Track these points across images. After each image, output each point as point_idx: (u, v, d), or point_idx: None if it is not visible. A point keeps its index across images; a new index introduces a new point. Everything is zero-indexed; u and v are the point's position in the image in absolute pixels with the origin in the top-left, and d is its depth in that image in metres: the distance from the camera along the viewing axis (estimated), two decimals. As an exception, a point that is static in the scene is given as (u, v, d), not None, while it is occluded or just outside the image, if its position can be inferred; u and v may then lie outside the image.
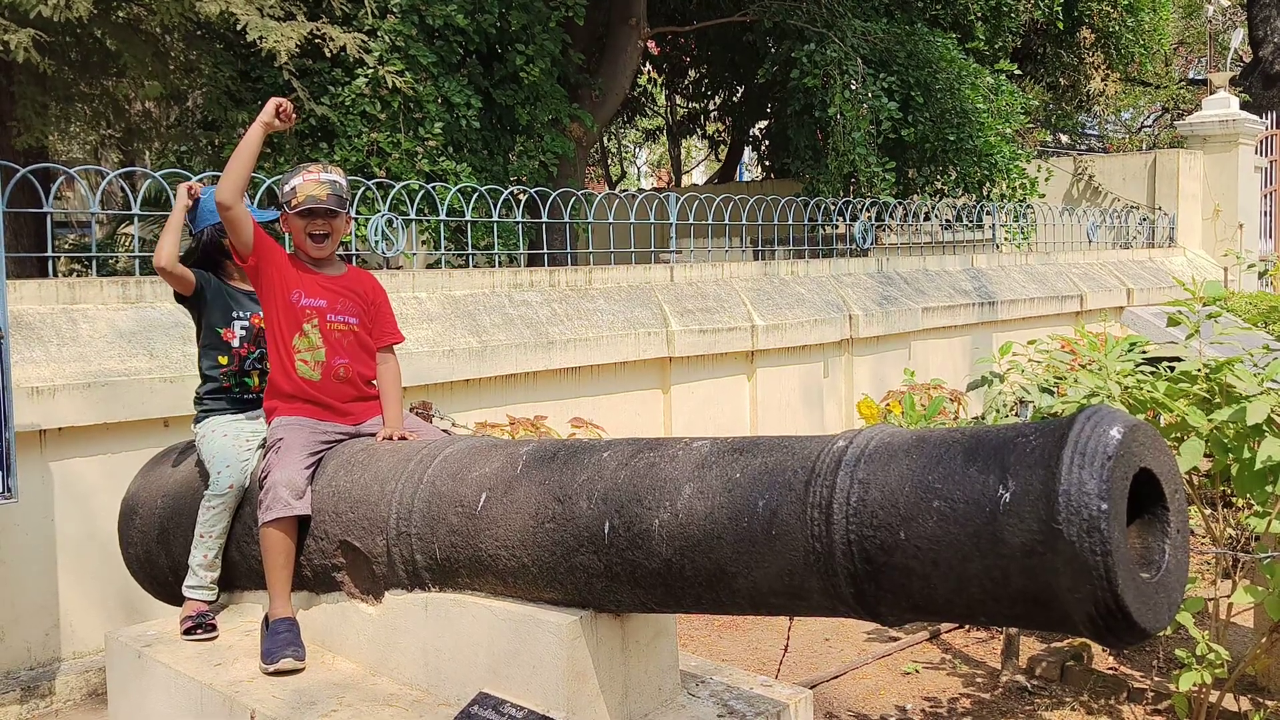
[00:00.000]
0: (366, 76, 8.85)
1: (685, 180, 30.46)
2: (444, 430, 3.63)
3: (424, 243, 8.99)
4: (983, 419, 4.91)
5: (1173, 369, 3.48)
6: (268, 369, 3.52)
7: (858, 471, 2.07)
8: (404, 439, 3.29)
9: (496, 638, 2.73)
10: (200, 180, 4.38)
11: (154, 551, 3.76)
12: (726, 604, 2.34)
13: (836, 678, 4.81)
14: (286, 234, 3.54)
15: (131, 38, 9.31)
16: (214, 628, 3.38)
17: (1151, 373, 3.50)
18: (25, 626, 4.45)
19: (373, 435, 3.38)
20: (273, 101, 3.38)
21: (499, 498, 2.70)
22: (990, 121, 12.33)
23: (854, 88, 10.72)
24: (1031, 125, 16.52)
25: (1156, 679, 4.51)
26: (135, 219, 5.62)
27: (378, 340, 3.58)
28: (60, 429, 4.50)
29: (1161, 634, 3.71)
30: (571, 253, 8.32)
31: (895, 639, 5.30)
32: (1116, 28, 16.01)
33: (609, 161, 27.74)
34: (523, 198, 8.29)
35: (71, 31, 8.83)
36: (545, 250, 7.65)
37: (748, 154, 21.61)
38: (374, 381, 3.55)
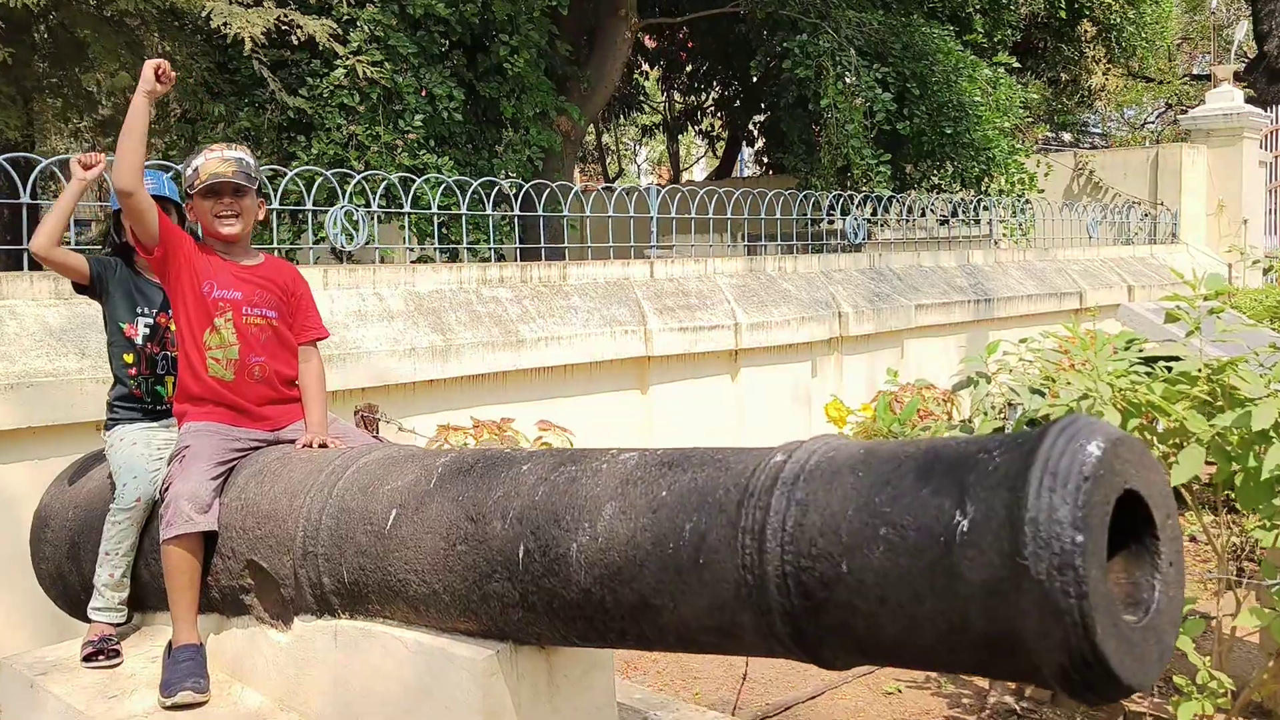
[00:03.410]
0: (345, 68, 8.55)
1: (686, 177, 30.16)
2: (376, 438, 3.33)
3: (395, 238, 8.70)
4: (969, 423, 4.61)
5: (1170, 369, 3.18)
6: None
7: (796, 491, 1.77)
8: (325, 446, 3.00)
9: (407, 672, 2.43)
10: (101, 151, 4.00)
11: (65, 568, 3.47)
12: (653, 640, 2.04)
13: (813, 698, 4.51)
14: (196, 224, 3.24)
15: (102, 28, 9.03)
16: (117, 653, 3.08)
17: (1147, 373, 3.20)
18: (-56, 645, 4.16)
19: (293, 442, 3.09)
20: (149, 64, 3.04)
21: (409, 515, 2.40)
22: (988, 115, 12.02)
23: (848, 80, 10.41)
24: (1031, 120, 16.19)
25: (1156, 700, 4.20)
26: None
27: (299, 335, 3.28)
28: (-20, 433, 4.20)
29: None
30: (553, 248, 8.04)
31: (879, 655, 4.99)
32: (1118, 20, 15.67)
33: (607, 158, 27.45)
34: (504, 192, 8.00)
35: (37, 20, 8.56)
36: (518, 246, 7.36)
37: (747, 150, 21.31)
38: (296, 382, 3.25)
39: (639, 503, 1.99)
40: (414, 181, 6.75)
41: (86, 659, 3.05)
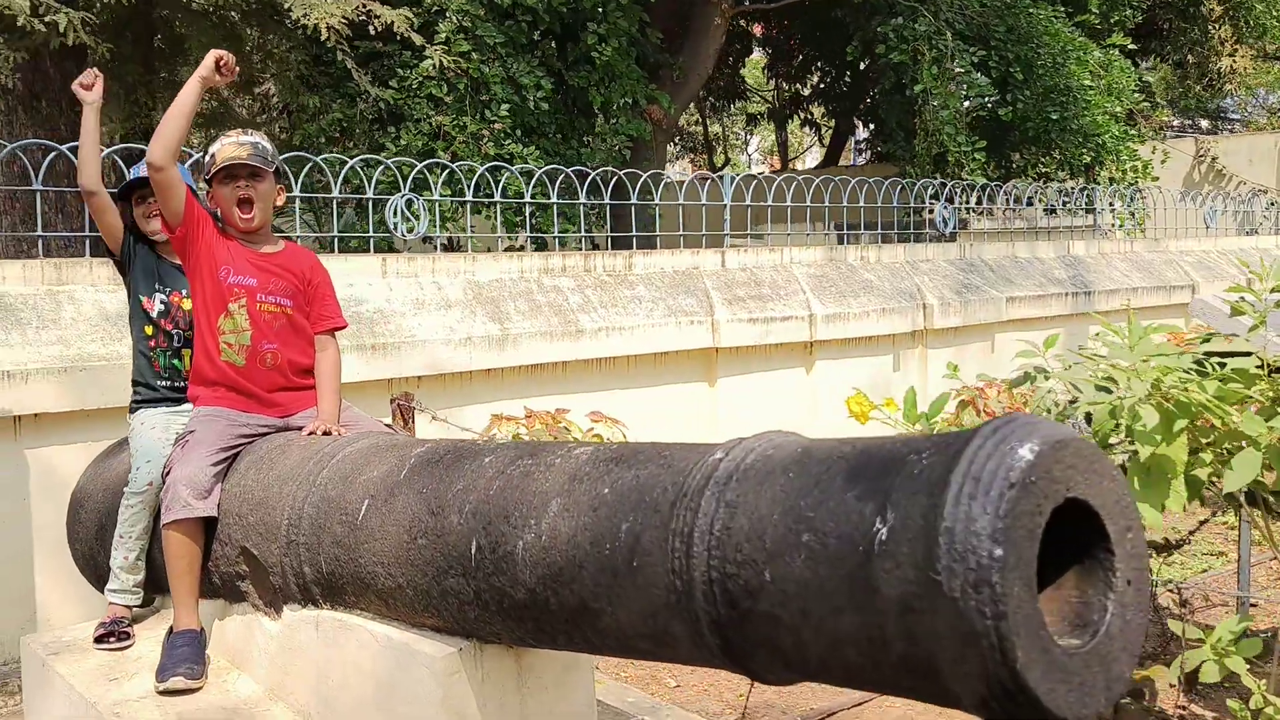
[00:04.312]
0: (432, 59, 8.59)
1: (798, 166, 29.75)
2: (387, 426, 3.29)
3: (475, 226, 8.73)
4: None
5: (1223, 365, 2.92)
6: None
7: (727, 492, 1.64)
8: (329, 434, 2.96)
9: (379, 666, 2.37)
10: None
11: (94, 548, 3.52)
12: (597, 644, 1.93)
13: (859, 705, 4.32)
14: (217, 210, 3.24)
15: (200, 22, 9.27)
16: (128, 635, 3.10)
17: (1199, 371, 2.94)
18: (0, 618, 4.29)
19: (301, 429, 3.06)
20: (212, 54, 3.08)
21: (379, 507, 2.34)
22: (1098, 99, 11.51)
23: (944, 64, 10.05)
24: (1151, 105, 15.43)
25: (1226, 722, 3.91)
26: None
27: (316, 324, 3.26)
28: (36, 415, 4.32)
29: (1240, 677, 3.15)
30: (642, 236, 7.92)
31: (937, 662, 4.77)
32: (1247, -2, 14.84)
33: (716, 148, 27.25)
34: (592, 180, 7.92)
35: (132, 15, 8.82)
36: (609, 234, 7.30)
37: (857, 137, 20.91)
38: (310, 371, 3.22)
39: (582, 500, 1.89)
40: (500, 171, 6.72)
41: (98, 640, 3.09)
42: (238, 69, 3.17)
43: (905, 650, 1.39)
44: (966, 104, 10.29)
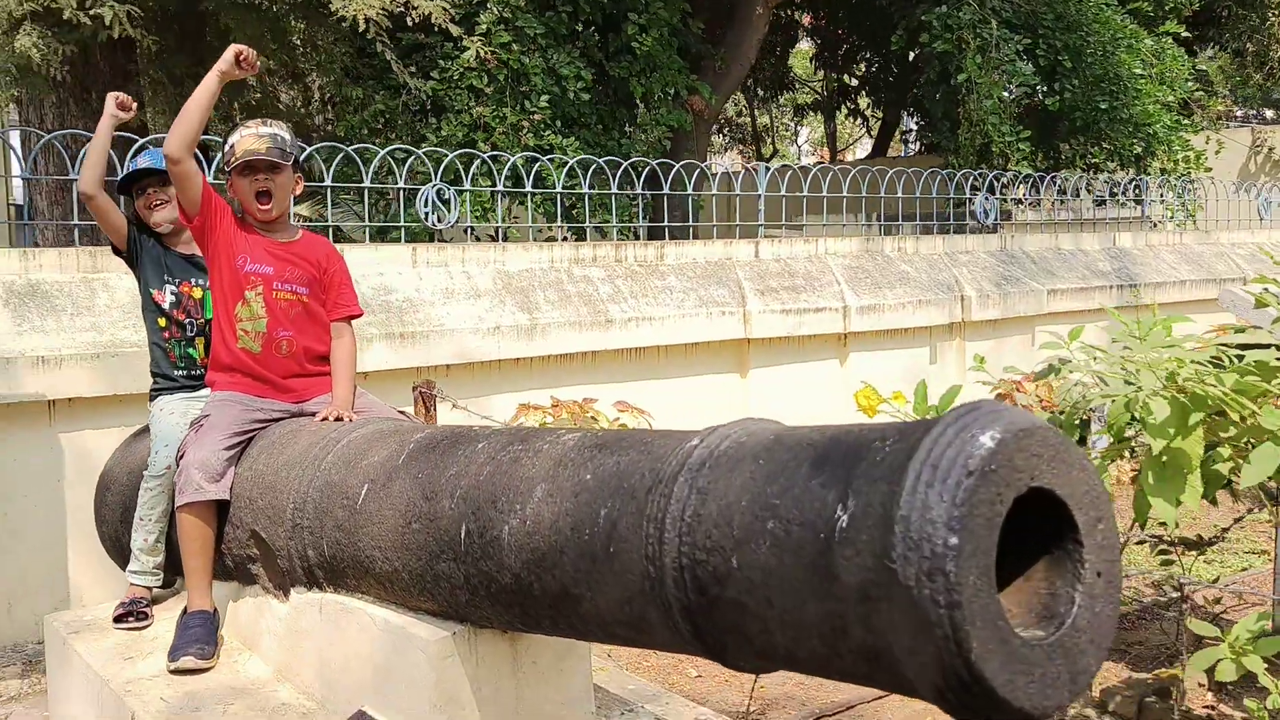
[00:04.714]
0: (472, 50, 8.63)
1: (849, 157, 29.51)
2: (402, 413, 3.31)
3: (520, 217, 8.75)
4: (1061, 415, 4.28)
5: (1240, 358, 2.86)
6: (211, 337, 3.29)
7: (699, 479, 1.63)
8: (340, 420, 2.99)
9: (377, 649, 2.40)
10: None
11: (119, 530, 3.59)
12: (580, 630, 1.94)
13: (880, 699, 4.29)
14: (235, 200, 3.28)
15: (245, 15, 9.38)
16: (145, 615, 3.16)
17: (1214, 363, 2.88)
18: (34, 599, 4.39)
19: (314, 415, 3.09)
20: (232, 48, 3.13)
21: (377, 491, 2.37)
22: (1149, 89, 11.27)
23: (989, 53, 9.91)
24: (1206, 94, 15.09)
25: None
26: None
27: (332, 312, 3.29)
28: (70, 400, 4.41)
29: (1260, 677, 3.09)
30: (679, 226, 7.90)
31: (962, 657, 4.72)
32: (1309, -16, 14.45)
33: (766, 138, 27.12)
34: (631, 170, 7.91)
35: (179, 8, 8.96)
36: (646, 224, 7.29)
37: (905, 128, 20.68)
38: (325, 358, 3.26)
39: (565, 486, 1.89)
40: (533, 162, 6.73)
41: (117, 620, 3.15)
42: (258, 64, 3.21)
43: (864, 639, 1.38)
44: (1011, 93, 10.11)
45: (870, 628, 1.36)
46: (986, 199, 8.50)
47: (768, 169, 7.27)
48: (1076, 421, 3.26)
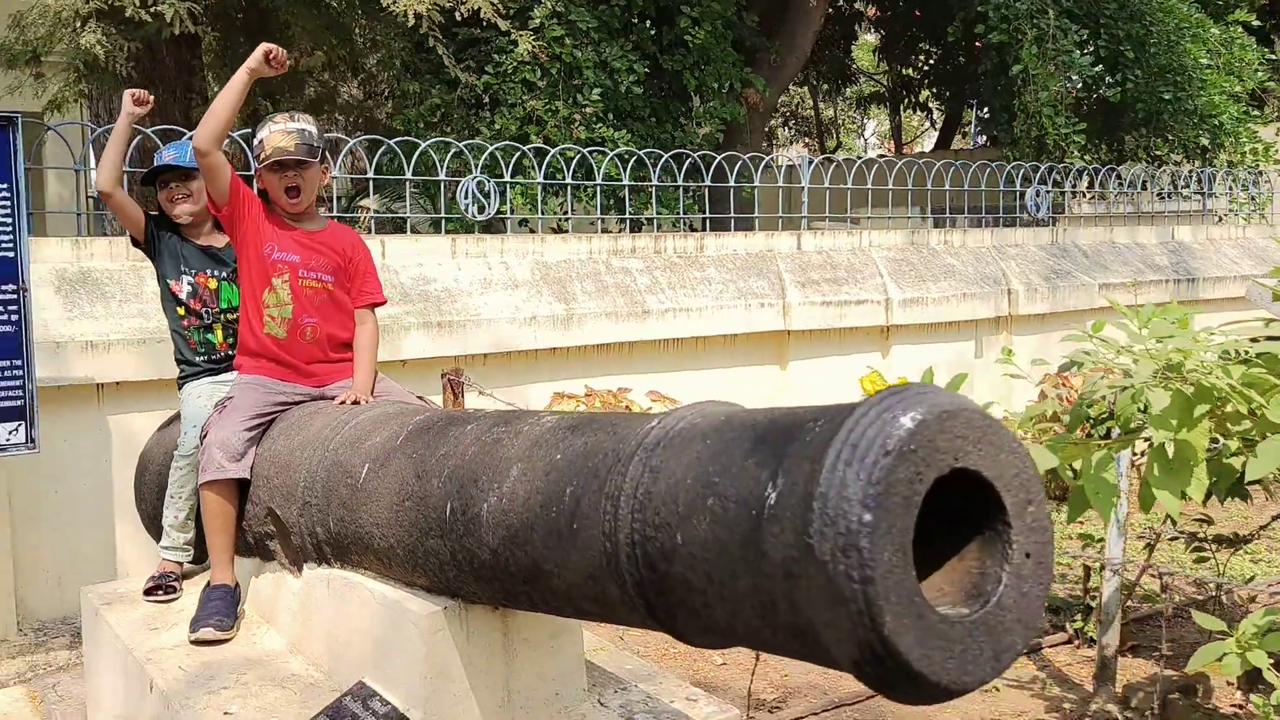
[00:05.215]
0: (523, 45, 8.73)
1: (917, 149, 29.20)
2: (420, 398, 3.40)
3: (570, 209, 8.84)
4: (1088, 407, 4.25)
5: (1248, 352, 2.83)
6: (229, 323, 3.42)
7: (652, 458, 1.69)
8: (357, 404, 3.09)
9: (375, 622, 2.49)
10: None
11: (156, 508, 3.73)
12: (553, 605, 2.00)
13: (901, 689, 4.29)
14: (263, 189, 3.40)
15: (302, 10, 9.58)
16: (175, 589, 3.30)
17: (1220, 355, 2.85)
18: (83, 573, 4.57)
19: (334, 398, 3.20)
20: (262, 47, 3.24)
21: (376, 470, 2.45)
22: (1215, 79, 11.03)
23: (1044, 45, 9.76)
24: (1276, 83, 14.68)
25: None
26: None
27: (356, 300, 3.39)
28: (118, 383, 4.58)
29: None
30: (739, 218, 7.91)
31: (990, 651, 4.71)
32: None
33: (832, 131, 26.96)
34: (683, 163, 7.97)
35: (241, 5, 9.18)
36: (705, 215, 7.34)
37: (967, 120, 20.42)
38: (349, 345, 3.36)
39: (539, 465, 1.95)
40: (592, 155, 6.81)
41: (147, 593, 3.29)
42: (288, 62, 3.30)
43: (790, 614, 1.42)
44: (1068, 84, 9.96)
45: (794, 603, 1.40)
46: (1038, 192, 8.39)
47: (811, 161, 7.27)
48: (1084, 412, 3.25)
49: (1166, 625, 4.93)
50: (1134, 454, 3.99)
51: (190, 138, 3.27)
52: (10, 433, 3.87)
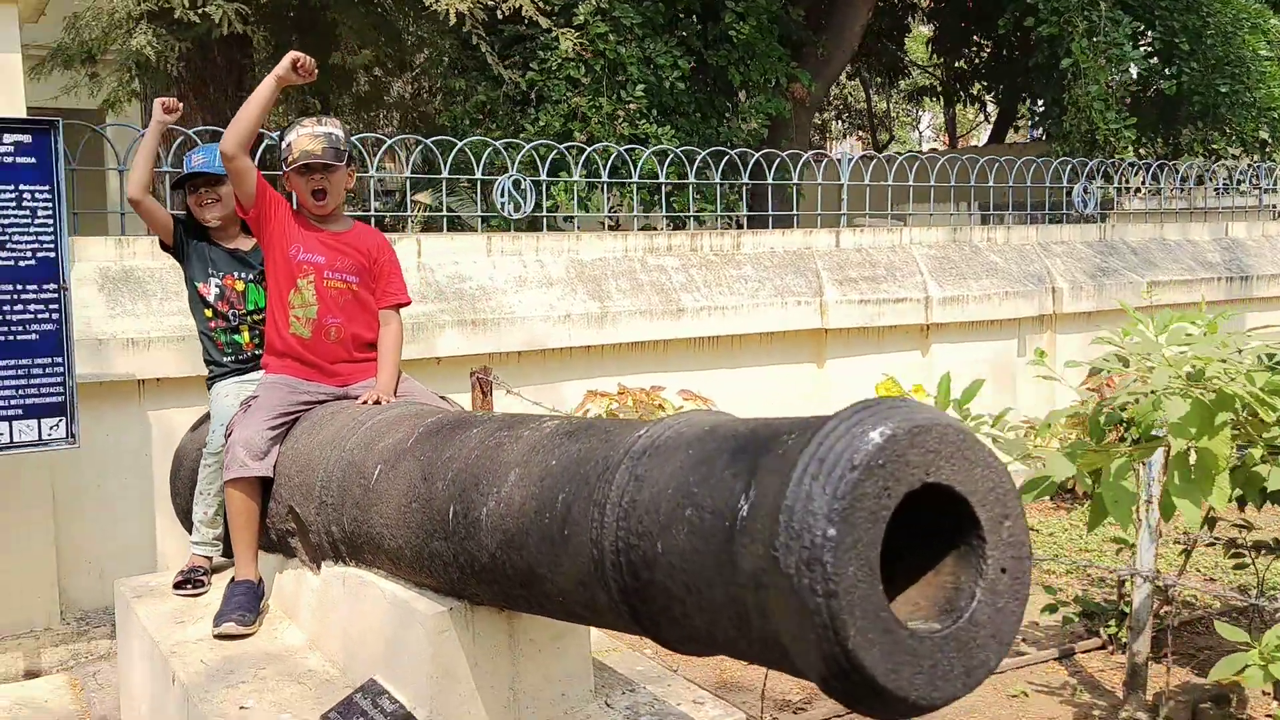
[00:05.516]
0: (568, 41, 8.75)
1: (966, 144, 28.81)
2: (442, 399, 3.44)
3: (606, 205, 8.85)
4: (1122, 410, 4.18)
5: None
6: (255, 324, 3.48)
7: (638, 466, 1.70)
8: (378, 403, 3.13)
9: (386, 621, 2.53)
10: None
11: (190, 503, 3.82)
12: (549, 609, 2.02)
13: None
14: (291, 192, 3.46)
15: (351, 9, 9.70)
16: (202, 584, 3.37)
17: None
18: (125, 565, 4.68)
19: (357, 398, 3.25)
20: (290, 55, 3.28)
21: (387, 472, 2.49)
22: (1275, 70, 10.77)
23: (1095, 38, 9.60)
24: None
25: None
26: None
27: (380, 300, 3.43)
28: (158, 379, 4.69)
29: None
30: (779, 215, 7.90)
31: (1021, 653, 4.67)
32: None
33: (877, 125, 26.69)
34: (725, 160, 7.95)
35: (291, 5, 9.31)
36: (747, 213, 7.33)
37: (1019, 114, 20.09)
38: (373, 345, 3.40)
39: (535, 471, 1.97)
40: (630, 152, 6.82)
41: (176, 586, 3.37)
42: (316, 71, 3.34)
43: (761, 625, 1.43)
44: (1120, 77, 9.78)
45: (765, 614, 1.41)
46: (1086, 188, 8.26)
47: (851, 158, 7.22)
48: (1101, 419, 3.20)
49: (1200, 633, 4.85)
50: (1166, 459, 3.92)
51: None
52: (51, 428, 3.98)
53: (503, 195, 5.92)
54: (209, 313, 3.54)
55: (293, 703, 2.58)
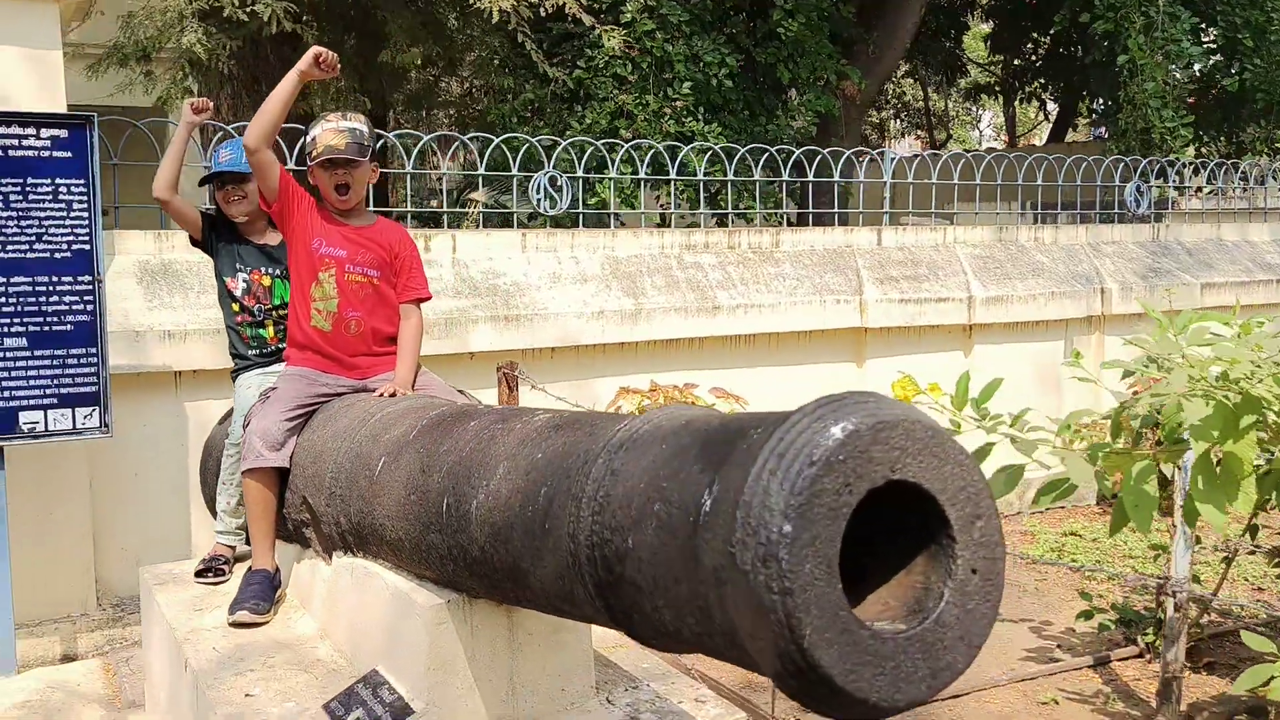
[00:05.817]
0: (617, 40, 8.74)
1: (1034, 142, 28.38)
2: (460, 392, 3.44)
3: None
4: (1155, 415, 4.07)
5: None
6: (280, 319, 3.51)
7: (614, 460, 1.68)
8: (394, 396, 3.15)
9: (387, 612, 2.54)
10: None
11: (216, 493, 3.87)
12: (534, 603, 2.01)
13: (956, 698, 4.20)
14: (316, 186, 3.48)
15: (400, 9, 9.78)
16: (223, 572, 3.42)
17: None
18: (160, 553, 4.75)
19: (374, 391, 3.26)
20: (312, 50, 3.31)
21: (390, 464, 2.50)
22: (1341, 67, 10.45)
23: (1153, 34, 9.39)
24: None
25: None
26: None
27: (401, 294, 3.45)
28: (194, 371, 4.76)
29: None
30: (821, 213, 7.83)
31: (1056, 660, 4.58)
32: None
33: (934, 123, 26.38)
34: (762, 158, 7.90)
35: (342, 3, 9.41)
36: (792, 210, 7.28)
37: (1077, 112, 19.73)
38: (394, 339, 3.42)
39: (522, 464, 1.97)
40: (670, 150, 6.80)
41: (198, 574, 3.42)
42: (339, 66, 3.37)
43: (723, 621, 1.40)
44: (1179, 74, 9.55)
45: (724, 610, 1.38)
46: (1139, 187, 8.07)
47: (894, 157, 7.13)
48: (1121, 421, 3.12)
49: (1240, 643, 4.72)
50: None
51: None
52: (85, 417, 4.05)
53: (538, 192, 5.93)
54: (235, 307, 3.59)
55: (298, 691, 2.60)
